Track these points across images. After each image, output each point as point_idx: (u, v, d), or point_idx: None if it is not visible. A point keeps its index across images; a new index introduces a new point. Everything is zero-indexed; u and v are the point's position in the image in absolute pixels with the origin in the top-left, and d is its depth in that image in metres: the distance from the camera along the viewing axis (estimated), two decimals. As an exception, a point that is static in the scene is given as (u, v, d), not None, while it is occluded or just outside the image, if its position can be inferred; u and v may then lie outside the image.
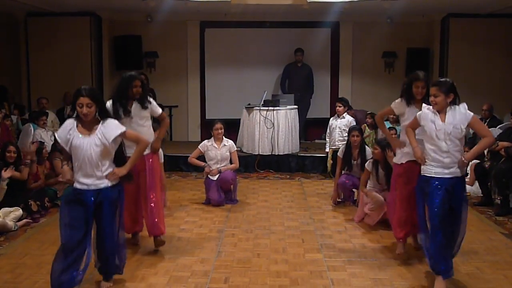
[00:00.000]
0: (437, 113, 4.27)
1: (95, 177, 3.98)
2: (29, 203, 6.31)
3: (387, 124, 9.78)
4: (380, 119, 5.51)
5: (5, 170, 6.24)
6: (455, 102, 4.28)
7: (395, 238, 5.15)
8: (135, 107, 5.15)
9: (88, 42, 11.28)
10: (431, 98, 4.27)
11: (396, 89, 11.56)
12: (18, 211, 6.06)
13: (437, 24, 11.54)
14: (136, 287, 4.38)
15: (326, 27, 11.79)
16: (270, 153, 9.62)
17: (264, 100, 9.75)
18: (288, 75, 11.35)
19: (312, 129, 11.72)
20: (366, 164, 6.28)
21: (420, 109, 4.50)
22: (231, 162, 7.31)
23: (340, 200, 7.20)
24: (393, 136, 6.40)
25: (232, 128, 9.37)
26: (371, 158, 6.33)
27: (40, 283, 4.39)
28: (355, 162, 6.93)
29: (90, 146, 3.94)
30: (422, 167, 4.39)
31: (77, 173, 4.01)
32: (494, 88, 11.15)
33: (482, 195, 7.23)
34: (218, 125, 7.24)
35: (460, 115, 4.25)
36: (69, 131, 3.99)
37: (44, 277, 4.47)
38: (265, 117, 9.56)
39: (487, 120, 8.80)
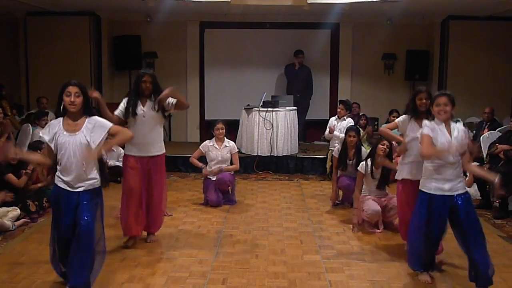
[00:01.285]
0: (442, 125, 4.27)
1: (77, 178, 3.92)
2: (27, 203, 6.29)
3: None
4: (386, 132, 5.45)
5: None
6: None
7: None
8: (148, 107, 5.24)
9: (88, 42, 11.30)
10: (440, 107, 4.26)
11: (396, 91, 11.77)
12: (16, 211, 6.04)
13: (437, 26, 11.55)
14: (134, 287, 4.36)
15: (326, 29, 11.79)
16: (269, 154, 9.62)
17: (263, 101, 9.75)
18: (287, 76, 11.37)
19: (311, 130, 11.71)
20: (359, 167, 6.23)
21: (421, 126, 4.52)
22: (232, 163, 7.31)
23: (338, 202, 7.19)
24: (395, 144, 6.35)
25: (231, 129, 9.35)
26: (365, 158, 6.30)
27: (37, 283, 4.38)
28: (350, 162, 6.92)
29: (75, 145, 3.89)
30: (421, 181, 4.40)
31: (59, 173, 3.97)
32: (493, 90, 11.17)
33: (480, 198, 7.22)
34: (220, 125, 7.21)
35: (461, 131, 4.30)
36: (55, 128, 3.96)
37: (42, 277, 4.48)
38: (264, 118, 9.56)
39: (488, 123, 8.78)
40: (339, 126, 8.28)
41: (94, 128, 3.97)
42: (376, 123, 10.95)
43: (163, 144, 5.49)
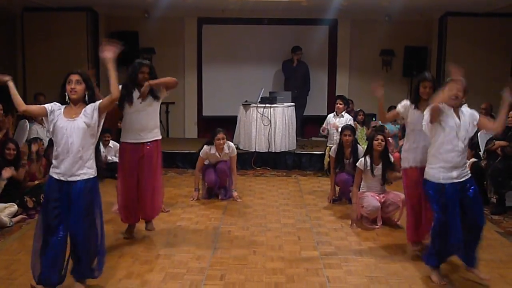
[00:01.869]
0: (451, 110, 4.29)
1: (72, 165, 3.91)
2: (25, 199, 6.28)
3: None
4: (387, 116, 5.38)
5: (6, 170, 6.22)
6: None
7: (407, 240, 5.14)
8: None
9: (85, 38, 11.25)
10: (454, 92, 4.26)
11: (394, 87, 11.78)
12: (13, 207, 6.03)
13: (435, 22, 11.54)
14: (131, 284, 4.36)
15: (324, 25, 11.77)
16: (266, 150, 9.61)
17: (261, 97, 9.73)
18: (285, 72, 11.36)
19: (309, 126, 11.71)
20: (357, 163, 6.24)
21: (423, 110, 4.57)
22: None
23: (335, 198, 7.19)
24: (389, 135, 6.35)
25: (229, 125, 9.35)
26: (364, 155, 6.31)
27: (35, 279, 4.37)
28: (347, 161, 6.91)
29: (73, 129, 3.90)
30: (427, 170, 4.40)
31: (55, 161, 3.97)
32: (491, 87, 11.10)
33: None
34: (220, 135, 7.09)
35: (468, 115, 4.36)
36: (56, 109, 3.97)
37: (39, 273, 4.47)
38: (262, 114, 9.55)
39: (486, 120, 8.77)
40: (337, 122, 8.25)
41: (86, 110, 3.98)
42: (374, 119, 10.94)
43: (159, 130, 5.53)
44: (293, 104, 10.03)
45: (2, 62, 11.27)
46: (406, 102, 5.01)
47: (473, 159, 7.44)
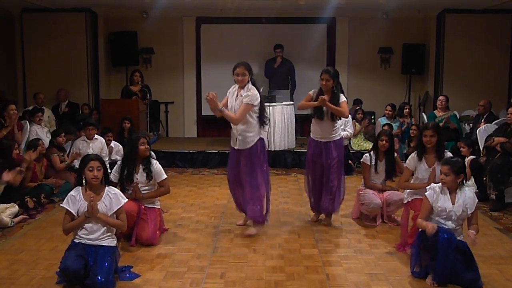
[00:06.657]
0: (446, 193, 4.35)
1: (96, 235, 4.25)
2: (25, 199, 6.30)
3: (383, 121, 9.82)
4: (404, 184, 5.38)
5: (7, 173, 6.23)
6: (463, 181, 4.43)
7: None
8: (141, 173, 5.41)
9: (84, 38, 11.25)
10: (441, 176, 4.34)
11: (392, 85, 11.75)
12: (14, 207, 6.04)
13: (433, 19, 11.54)
14: (132, 282, 4.37)
15: (322, 23, 11.77)
16: (266, 149, 9.59)
17: (260, 96, 9.71)
18: (265, 72, 11.33)
19: (308, 125, 11.65)
20: (362, 159, 6.24)
21: (431, 163, 5.03)
22: None
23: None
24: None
25: (228, 124, 9.33)
26: (369, 151, 6.31)
27: (36, 279, 4.39)
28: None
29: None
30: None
31: (82, 232, 4.26)
32: (489, 83, 11.18)
33: (477, 190, 7.24)
34: (239, 69, 6.01)
35: (469, 199, 4.36)
36: (75, 199, 4.29)
37: (41, 273, 4.50)
38: (261, 113, 9.53)
39: (484, 116, 8.78)
40: (339, 121, 8.14)
41: (113, 199, 4.37)
42: (373, 117, 10.96)
43: (157, 201, 5.63)
44: (292, 102, 10.03)
45: (2, 63, 11.31)
46: (413, 155, 5.24)
47: (471, 156, 7.46)
